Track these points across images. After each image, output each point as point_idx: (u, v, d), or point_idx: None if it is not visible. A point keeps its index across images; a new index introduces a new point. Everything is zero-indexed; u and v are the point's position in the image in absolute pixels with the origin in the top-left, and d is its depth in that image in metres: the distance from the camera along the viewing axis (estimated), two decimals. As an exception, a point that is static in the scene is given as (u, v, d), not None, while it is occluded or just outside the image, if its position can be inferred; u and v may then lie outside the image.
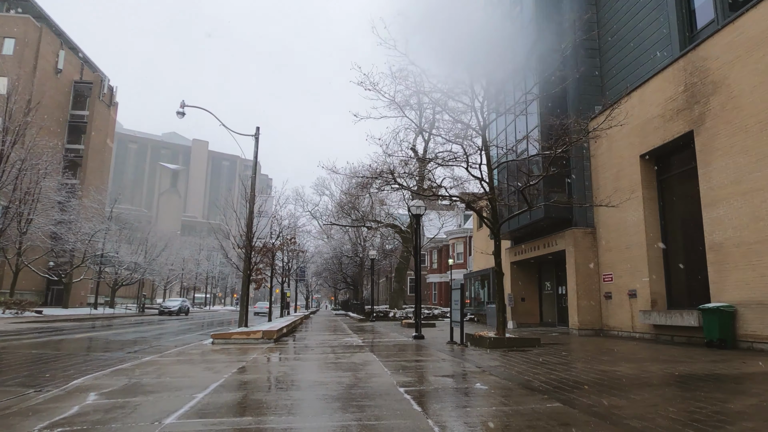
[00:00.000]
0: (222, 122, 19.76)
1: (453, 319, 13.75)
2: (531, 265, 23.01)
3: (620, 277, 15.89)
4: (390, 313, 34.04)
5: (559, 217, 17.77)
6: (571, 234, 17.60)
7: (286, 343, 15.10)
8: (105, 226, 42.29)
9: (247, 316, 17.88)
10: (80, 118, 55.51)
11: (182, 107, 19.64)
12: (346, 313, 51.48)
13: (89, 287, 55.26)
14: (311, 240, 52.36)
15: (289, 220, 30.56)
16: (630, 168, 15.54)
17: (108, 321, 32.98)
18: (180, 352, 12.02)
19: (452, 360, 10.10)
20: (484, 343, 12.71)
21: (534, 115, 18.10)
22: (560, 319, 21.11)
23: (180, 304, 47.38)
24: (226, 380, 7.49)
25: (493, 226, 13.88)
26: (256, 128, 20.13)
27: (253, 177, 19.71)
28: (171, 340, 17.25)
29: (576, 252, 17.28)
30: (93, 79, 56.51)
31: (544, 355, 10.70)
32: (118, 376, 7.91)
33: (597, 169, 17.34)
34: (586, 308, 16.91)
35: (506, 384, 7.01)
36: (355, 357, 10.76)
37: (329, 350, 12.38)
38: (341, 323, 28.56)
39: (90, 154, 54.71)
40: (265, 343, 14.69)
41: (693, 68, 12.92)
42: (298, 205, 41.60)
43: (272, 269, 25.14)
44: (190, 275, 72.22)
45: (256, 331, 15.49)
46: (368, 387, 6.86)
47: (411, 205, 16.83)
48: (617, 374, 7.82)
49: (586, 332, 16.77)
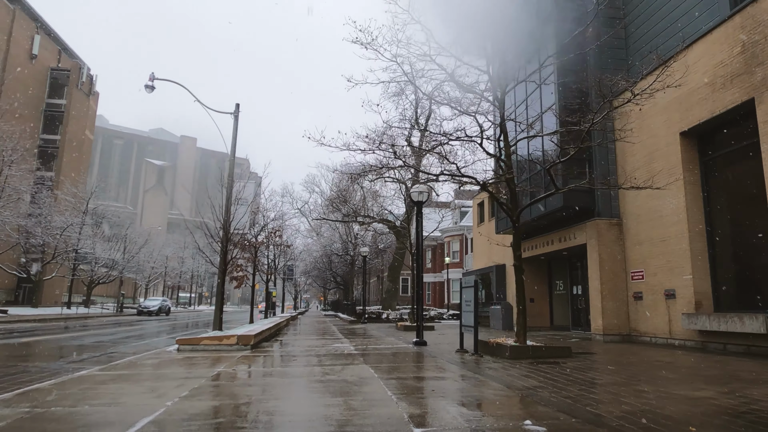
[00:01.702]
0: (197, 98, 17.50)
1: (464, 323, 11.53)
2: (540, 262, 20.87)
3: (653, 274, 13.76)
4: (383, 314, 31.77)
5: (580, 207, 15.61)
6: (594, 226, 15.44)
7: (266, 350, 12.79)
8: (78, 220, 39.56)
9: (221, 317, 15.54)
10: (57, 107, 52.71)
11: (151, 80, 17.37)
12: (335, 313, 49.12)
13: (66, 285, 52.44)
14: (300, 238, 50.04)
15: (275, 212, 28.21)
16: (667, 148, 13.41)
17: (77, 322, 30.41)
18: (131, 363, 9.67)
19: (472, 377, 7.86)
20: (502, 353, 10.51)
21: (551, 91, 15.93)
22: (575, 322, 18.97)
23: (160, 304, 44.79)
24: (166, 411, 5.22)
25: (511, 213, 11.67)
26: (236, 105, 17.90)
27: (232, 160, 17.38)
28: (132, 346, 14.88)
29: (600, 246, 15.12)
30: (71, 67, 53.68)
31: (586, 370, 8.50)
32: (21, 402, 5.65)
33: (623, 152, 15.20)
34: (612, 310, 14.75)
35: (570, 423, 4.78)
36: (348, 372, 8.49)
37: (315, 361, 10.12)
38: (331, 325, 26.26)
39: (67, 145, 51.90)
40: (240, 351, 12.38)
41: (753, 24, 10.80)
42: (286, 200, 39.16)
43: (254, 266, 22.79)
44: (173, 274, 69.36)
45: (230, 336, 13.15)
46: (368, 426, 4.62)
47: (412, 191, 14.59)
48: (714, 403, 5.62)
49: (612, 338, 14.62)
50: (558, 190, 11.15)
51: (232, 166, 17.35)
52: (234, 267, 21.66)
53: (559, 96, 15.50)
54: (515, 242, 11.65)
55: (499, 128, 11.84)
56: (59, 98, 53.05)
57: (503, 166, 11.75)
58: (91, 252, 42.39)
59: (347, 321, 30.84)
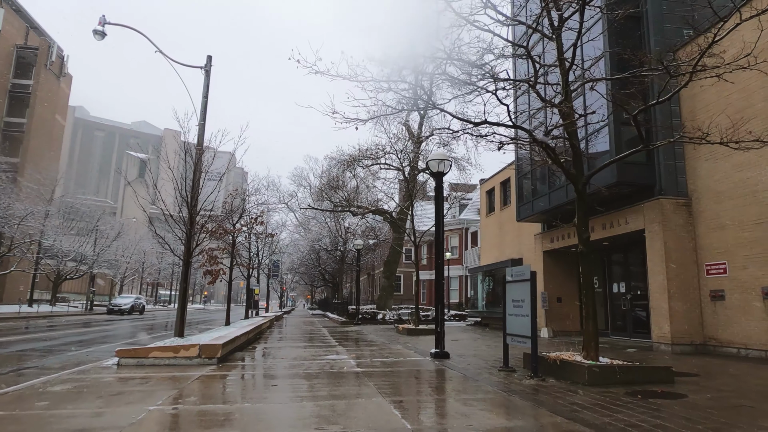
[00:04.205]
0: (157, 47, 14.16)
1: (511, 332, 8.30)
2: (570, 256, 17.70)
3: (743, 267, 10.66)
4: (378, 314, 28.48)
5: (638, 183, 12.47)
6: (656, 207, 12.29)
7: (237, 365, 9.47)
8: (40, 208, 35.66)
9: (183, 319, 12.15)
10: (24, 87, 48.58)
11: (102, 25, 14.04)
12: (324, 313, 45.71)
13: (35, 281, 48.40)
14: (287, 234, 46.62)
15: (257, 197, 24.77)
16: (764, 103, 10.32)
17: (29, 322, 26.71)
18: (19, 395, 6.30)
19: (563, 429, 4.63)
20: (573, 375, 7.32)
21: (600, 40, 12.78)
22: (616, 326, 15.87)
23: (133, 302, 41.06)
24: None
25: (576, 177, 8.45)
26: (207, 58, 14.57)
27: (202, 124, 14.03)
28: (67, 357, 11.46)
29: (665, 232, 11.97)
30: (39, 44, 49.55)
31: (730, 411, 5.34)
32: None
33: (695, 113, 12.09)
34: (682, 313, 11.62)
35: None
36: (359, 413, 5.23)
37: (305, 387, 6.84)
38: (320, 327, 22.93)
39: (33, 130, 47.78)
40: (202, 367, 9.08)
41: None
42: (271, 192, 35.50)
43: (232, 257, 19.38)
44: (152, 270, 65.28)
45: (190, 346, 9.80)
46: None
47: (431, 159, 11.32)
48: None
49: (683, 348, 11.49)
50: (645, 146, 7.93)
51: (202, 132, 13.99)
52: (208, 259, 18.25)
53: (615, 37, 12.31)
54: (580, 220, 8.43)
55: (557, 62, 8.61)
56: (27, 79, 48.94)
57: (564, 115, 8.50)
58: (56, 243, 38.47)
59: (338, 322, 27.52)
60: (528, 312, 7.72)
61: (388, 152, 29.81)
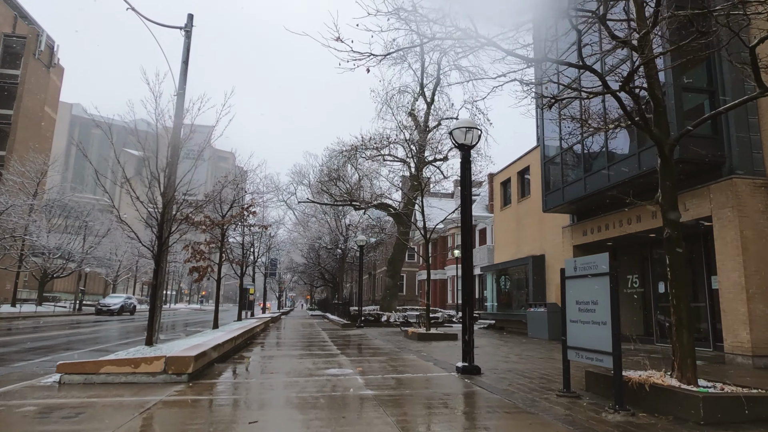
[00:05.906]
0: (129, 4, 12.03)
1: (575, 344, 6.18)
2: (604, 250, 15.60)
3: None
4: (382, 316, 26.32)
5: (703, 161, 10.35)
6: (727, 188, 10.17)
7: (212, 384, 7.34)
8: (21, 201, 33.48)
9: (155, 323, 10.04)
10: (11, 78, 46.49)
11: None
12: (324, 314, 43.55)
13: (23, 280, 46.35)
14: (285, 233, 44.48)
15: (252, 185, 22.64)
16: None
17: (3, 323, 24.60)
18: None
19: None
20: (678, 407, 5.20)
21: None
22: (662, 332, 13.72)
23: (123, 302, 38.99)
24: None
25: (661, 138, 6.34)
26: (189, 16, 12.51)
27: (181, 93, 11.99)
28: (15, 367, 9.42)
29: (741, 219, 9.86)
30: (27, 33, 47.45)
31: None
32: None
33: None
34: (765, 318, 9.51)
35: None
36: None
37: (297, 425, 4.75)
38: (320, 331, 20.82)
39: (21, 122, 45.70)
40: (167, 386, 6.97)
41: None
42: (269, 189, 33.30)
43: (221, 252, 17.25)
44: (146, 269, 63.06)
45: (154, 359, 7.67)
46: None
47: (455, 128, 9.20)
48: None
49: (767, 361, 9.38)
50: (764, 92, 5.83)
51: (181, 102, 11.93)
52: (193, 253, 16.17)
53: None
54: (667, 193, 6.34)
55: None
56: (14, 69, 46.84)
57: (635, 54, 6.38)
58: (40, 239, 36.32)
59: (339, 325, 25.38)
60: (606, 318, 5.60)
61: (393, 141, 27.80)
